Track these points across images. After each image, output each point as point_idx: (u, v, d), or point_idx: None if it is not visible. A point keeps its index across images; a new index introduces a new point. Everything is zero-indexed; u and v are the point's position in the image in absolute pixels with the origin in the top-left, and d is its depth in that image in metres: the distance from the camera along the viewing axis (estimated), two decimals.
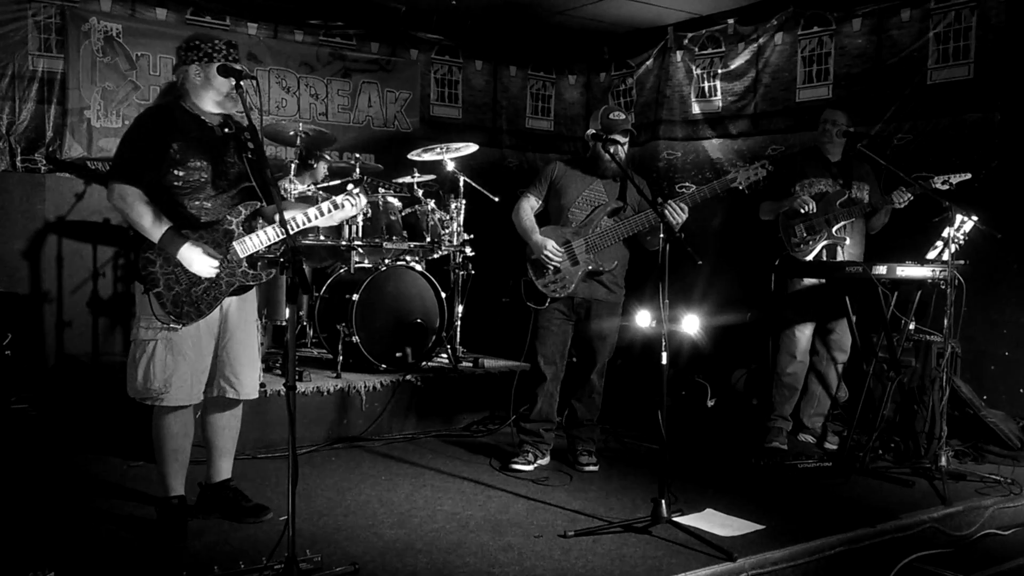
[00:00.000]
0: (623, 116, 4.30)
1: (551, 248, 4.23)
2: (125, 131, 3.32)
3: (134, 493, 3.84)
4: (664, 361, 3.53)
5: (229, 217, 3.30)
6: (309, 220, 3.35)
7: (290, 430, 2.65)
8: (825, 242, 4.87)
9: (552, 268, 4.27)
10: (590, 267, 4.26)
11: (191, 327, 3.26)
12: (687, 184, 7.28)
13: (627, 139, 4.30)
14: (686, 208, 4.04)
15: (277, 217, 3.11)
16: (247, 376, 3.48)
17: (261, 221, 3.41)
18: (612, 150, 4.12)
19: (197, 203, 3.26)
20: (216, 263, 3.23)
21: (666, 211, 3.92)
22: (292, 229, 3.23)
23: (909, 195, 4.71)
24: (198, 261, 3.19)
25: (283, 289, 5.08)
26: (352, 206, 3.40)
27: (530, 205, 4.40)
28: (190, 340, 3.28)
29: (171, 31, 6.18)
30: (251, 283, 3.37)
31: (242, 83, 3.17)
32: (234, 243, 3.29)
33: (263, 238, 3.32)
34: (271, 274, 3.40)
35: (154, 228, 3.16)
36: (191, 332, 3.27)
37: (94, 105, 6.02)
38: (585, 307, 4.36)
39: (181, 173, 3.22)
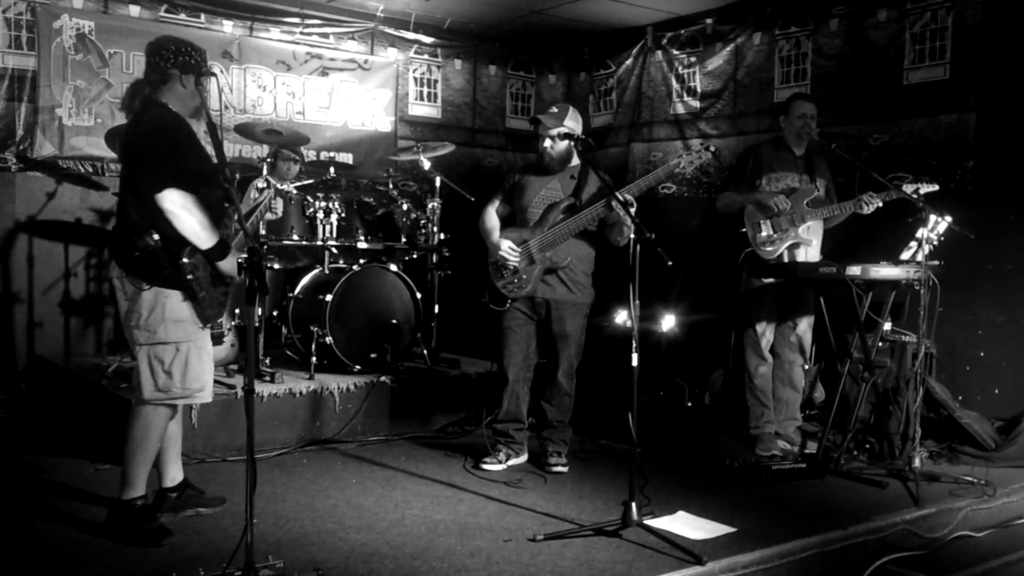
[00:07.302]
0: (554, 110, 4.33)
1: (506, 248, 4.27)
2: (166, 136, 3.16)
3: (100, 497, 3.75)
4: (635, 363, 3.50)
5: (228, 218, 3.37)
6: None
7: (248, 434, 2.62)
8: (791, 242, 4.79)
9: (510, 268, 4.29)
10: (545, 264, 4.27)
11: None
12: (668, 184, 7.26)
13: (552, 130, 4.24)
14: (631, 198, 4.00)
15: (236, 217, 3.18)
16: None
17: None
18: (541, 144, 4.28)
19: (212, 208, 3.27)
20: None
21: (614, 202, 3.95)
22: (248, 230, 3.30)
23: (878, 202, 4.59)
24: (234, 267, 3.32)
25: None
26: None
27: (495, 210, 4.48)
28: (207, 338, 3.37)
29: (144, 28, 6.11)
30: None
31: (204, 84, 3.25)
32: (232, 244, 3.36)
33: (243, 239, 3.39)
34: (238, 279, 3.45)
35: (209, 236, 3.15)
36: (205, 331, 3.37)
37: (66, 103, 5.94)
38: (545, 307, 4.35)
39: (204, 180, 3.23)
